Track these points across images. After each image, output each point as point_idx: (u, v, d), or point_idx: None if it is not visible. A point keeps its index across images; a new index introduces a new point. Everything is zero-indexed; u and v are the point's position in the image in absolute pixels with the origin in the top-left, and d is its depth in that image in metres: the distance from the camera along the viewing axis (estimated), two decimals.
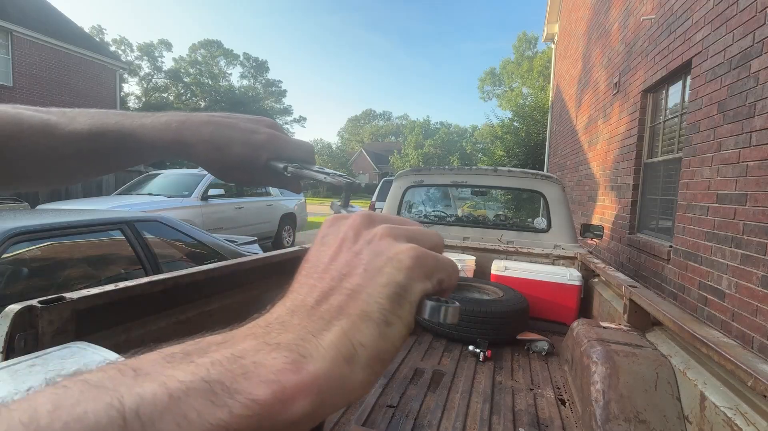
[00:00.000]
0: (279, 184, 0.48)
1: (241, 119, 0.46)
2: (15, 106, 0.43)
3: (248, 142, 0.44)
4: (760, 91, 2.58)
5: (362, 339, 0.23)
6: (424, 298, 0.26)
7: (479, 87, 38.53)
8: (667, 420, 1.39)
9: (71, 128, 0.43)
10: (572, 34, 9.10)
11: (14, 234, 2.16)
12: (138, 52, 34.43)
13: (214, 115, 0.46)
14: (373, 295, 0.24)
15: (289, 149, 0.45)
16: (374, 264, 0.25)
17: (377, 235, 0.27)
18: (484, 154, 20.10)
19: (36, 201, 6.90)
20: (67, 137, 0.42)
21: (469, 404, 1.95)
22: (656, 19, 4.33)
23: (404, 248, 0.26)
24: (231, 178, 0.48)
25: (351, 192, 0.41)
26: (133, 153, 0.45)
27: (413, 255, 0.26)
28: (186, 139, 0.44)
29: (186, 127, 0.44)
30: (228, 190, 7.06)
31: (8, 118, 0.42)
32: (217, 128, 0.44)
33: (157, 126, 0.44)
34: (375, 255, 0.26)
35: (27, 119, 0.42)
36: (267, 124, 0.46)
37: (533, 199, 10.06)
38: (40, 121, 0.42)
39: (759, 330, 2.44)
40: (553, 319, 2.94)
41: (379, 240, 0.27)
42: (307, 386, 0.20)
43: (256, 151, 0.44)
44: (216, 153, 0.44)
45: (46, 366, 1.05)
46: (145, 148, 0.44)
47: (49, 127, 0.42)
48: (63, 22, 13.94)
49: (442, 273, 0.27)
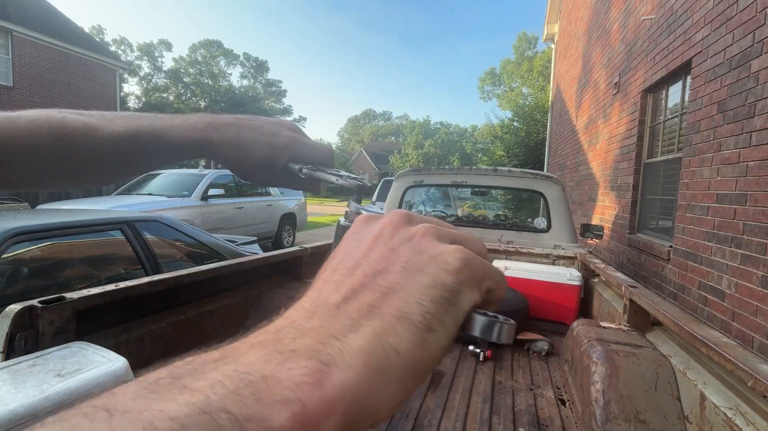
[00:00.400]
0: (297, 185, 0.50)
1: (264, 122, 0.48)
2: (60, 111, 0.46)
3: (269, 143, 0.46)
4: (760, 91, 2.58)
5: (397, 345, 0.19)
6: (473, 311, 0.23)
7: (479, 87, 38.58)
8: (667, 420, 1.39)
9: (110, 130, 0.45)
10: (572, 34, 9.10)
11: (14, 234, 2.16)
12: (138, 52, 34.44)
13: (239, 117, 0.48)
14: (414, 295, 0.21)
15: (308, 151, 0.47)
16: (415, 263, 0.22)
17: (418, 233, 0.24)
18: (484, 154, 20.11)
19: (36, 201, 6.89)
20: (107, 138, 0.45)
21: (469, 404, 1.95)
22: (656, 19, 4.33)
23: (450, 249, 0.23)
24: (252, 178, 0.49)
25: (362, 194, 0.42)
26: (164, 153, 0.47)
27: (462, 257, 0.23)
28: (212, 138, 0.45)
29: (212, 127, 0.46)
30: (228, 190, 7.06)
31: (55, 122, 0.44)
32: (241, 130, 0.46)
33: (186, 126, 0.46)
34: (417, 253, 0.23)
35: (71, 122, 0.44)
36: (288, 126, 0.48)
37: (533, 199, 10.06)
38: (82, 124, 0.45)
39: (759, 330, 2.44)
40: (553, 319, 2.94)
41: (420, 239, 0.24)
42: (332, 403, 0.17)
43: (276, 153, 0.46)
44: (239, 153, 0.46)
45: (46, 365, 1.05)
46: (175, 148, 0.46)
47: (90, 129, 0.44)
48: (63, 22, 13.94)
49: (490, 282, 0.24)
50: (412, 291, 0.21)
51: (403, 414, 1.85)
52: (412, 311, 0.20)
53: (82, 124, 0.44)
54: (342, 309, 0.20)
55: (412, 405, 1.91)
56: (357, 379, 0.18)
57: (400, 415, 1.83)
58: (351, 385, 0.18)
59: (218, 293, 2.12)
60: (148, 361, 1.66)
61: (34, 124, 0.43)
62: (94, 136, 0.44)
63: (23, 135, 0.43)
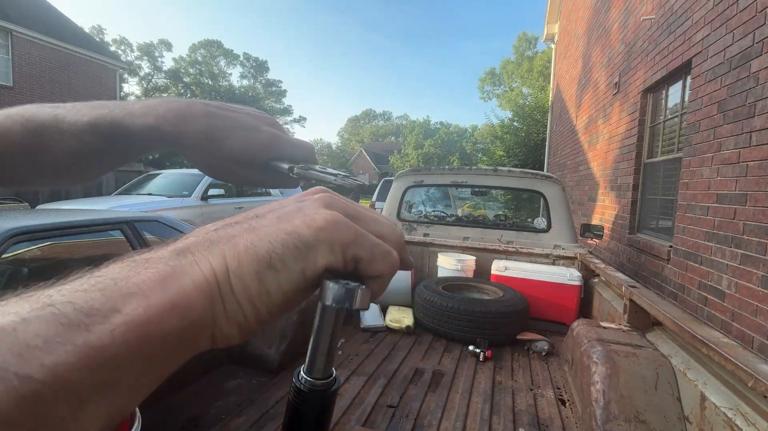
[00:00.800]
0: (278, 184, 0.46)
1: (241, 113, 0.43)
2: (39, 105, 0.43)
3: (248, 137, 0.41)
4: (760, 91, 2.58)
5: (237, 269, 0.21)
6: (327, 275, 0.23)
7: (479, 87, 38.51)
8: (667, 420, 1.39)
9: (74, 120, 0.41)
10: (572, 34, 9.10)
11: (14, 234, 2.15)
12: (138, 52, 34.42)
13: (210, 103, 0.42)
14: (270, 235, 0.23)
15: (290, 149, 0.43)
16: (287, 213, 0.25)
17: (312, 198, 0.26)
18: (484, 154, 20.10)
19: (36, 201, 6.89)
20: (72, 129, 0.41)
21: (469, 404, 1.95)
22: (656, 19, 4.33)
23: (324, 211, 0.25)
24: (221, 176, 0.44)
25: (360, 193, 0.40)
26: (123, 144, 0.42)
27: (329, 218, 0.24)
28: (174, 125, 0.40)
29: (174, 112, 0.40)
30: (228, 190, 7.06)
31: (28, 115, 0.42)
32: (213, 119, 0.41)
33: (144, 111, 0.40)
34: (295, 209, 0.25)
35: (41, 115, 0.42)
36: (268, 122, 0.44)
37: (533, 199, 10.06)
38: (50, 116, 0.42)
39: (759, 330, 2.44)
40: (553, 319, 2.94)
41: (310, 201, 0.26)
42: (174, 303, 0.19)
43: (256, 149, 0.41)
44: (208, 145, 0.41)
45: None
46: (133, 138, 0.41)
47: (57, 120, 0.41)
48: (63, 22, 13.94)
49: (360, 252, 0.24)
50: (269, 232, 0.23)
51: (404, 413, 1.85)
52: (261, 246, 0.22)
53: (50, 116, 0.42)
54: (209, 235, 0.23)
55: (412, 405, 1.91)
56: (198, 289, 0.20)
57: (400, 415, 1.83)
58: (190, 292, 0.19)
59: None
60: None
61: (10, 120, 0.42)
62: (61, 127, 0.41)
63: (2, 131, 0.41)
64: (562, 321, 2.87)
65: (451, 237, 3.67)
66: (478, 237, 3.64)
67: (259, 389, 2.04)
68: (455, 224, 3.95)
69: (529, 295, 2.87)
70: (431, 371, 2.25)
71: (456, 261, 3.24)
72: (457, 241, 3.56)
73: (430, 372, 2.24)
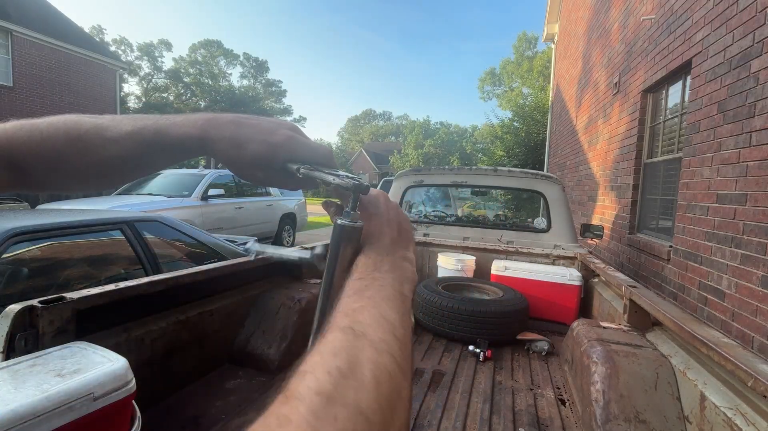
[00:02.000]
0: (295, 185, 0.50)
1: (263, 120, 0.49)
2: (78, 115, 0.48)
3: (265, 141, 0.46)
4: (760, 91, 2.58)
5: None
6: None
7: (479, 87, 38.48)
8: (667, 420, 1.39)
9: (118, 129, 0.47)
10: (572, 34, 9.10)
11: (14, 234, 2.16)
12: (138, 52, 34.43)
13: (239, 115, 0.49)
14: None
15: (306, 151, 0.47)
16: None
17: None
18: (484, 154, 20.10)
19: (36, 201, 6.89)
20: (115, 137, 0.47)
21: (469, 404, 1.95)
22: (656, 19, 4.33)
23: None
24: (249, 177, 0.50)
25: (360, 193, 0.41)
26: (166, 150, 0.48)
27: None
28: (210, 135, 0.46)
29: (211, 124, 0.47)
30: (228, 190, 7.06)
31: (71, 123, 0.47)
32: (239, 127, 0.47)
33: (186, 123, 0.47)
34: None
35: (84, 123, 0.47)
36: (287, 126, 0.49)
37: (533, 199, 10.06)
38: (93, 125, 0.47)
39: (759, 330, 2.44)
40: (553, 319, 2.94)
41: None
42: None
43: (273, 151, 0.46)
44: (235, 150, 0.47)
45: (46, 366, 1.05)
46: (175, 144, 0.47)
47: (101, 129, 0.47)
48: (63, 22, 13.93)
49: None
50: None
51: None
52: None
53: (92, 125, 0.47)
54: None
55: (412, 405, 1.91)
56: None
57: None
58: None
59: (218, 293, 2.12)
60: (148, 361, 1.66)
61: (53, 128, 0.46)
62: (103, 135, 0.46)
63: (44, 138, 0.46)
64: (562, 321, 2.87)
65: (451, 237, 3.67)
66: (478, 238, 3.64)
67: (259, 389, 2.04)
68: (455, 224, 3.95)
69: (529, 295, 2.87)
70: (431, 371, 2.25)
71: (456, 261, 3.24)
72: (457, 241, 3.56)
73: (430, 371, 2.25)
